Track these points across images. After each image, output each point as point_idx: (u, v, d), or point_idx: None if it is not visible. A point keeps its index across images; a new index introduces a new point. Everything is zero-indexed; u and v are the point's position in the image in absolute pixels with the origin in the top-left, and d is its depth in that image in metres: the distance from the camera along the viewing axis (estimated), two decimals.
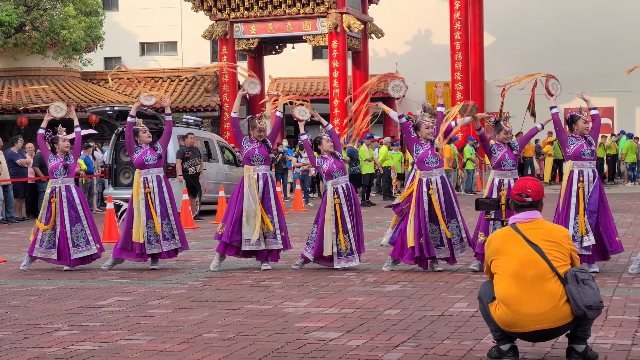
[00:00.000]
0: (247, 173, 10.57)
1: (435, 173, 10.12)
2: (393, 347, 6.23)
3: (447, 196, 10.10)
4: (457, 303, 7.98)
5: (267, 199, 10.53)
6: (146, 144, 11.08)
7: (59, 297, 8.90)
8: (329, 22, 29.64)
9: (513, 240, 5.62)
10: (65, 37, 26.49)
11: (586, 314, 5.38)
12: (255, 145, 10.64)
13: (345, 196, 10.45)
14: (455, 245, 10.09)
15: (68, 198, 11.07)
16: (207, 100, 31.70)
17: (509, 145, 10.21)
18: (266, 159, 10.67)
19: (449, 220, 10.07)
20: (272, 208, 10.54)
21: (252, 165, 10.57)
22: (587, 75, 35.76)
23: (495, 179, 10.12)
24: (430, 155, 10.15)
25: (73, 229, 11.03)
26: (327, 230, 10.35)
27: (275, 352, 6.17)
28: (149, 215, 10.79)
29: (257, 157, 10.59)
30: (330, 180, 10.53)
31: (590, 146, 9.89)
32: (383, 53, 37.24)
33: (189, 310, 7.96)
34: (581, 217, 9.61)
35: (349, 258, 10.37)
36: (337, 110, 30.02)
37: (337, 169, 10.53)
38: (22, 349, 6.44)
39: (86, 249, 11.10)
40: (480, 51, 31.00)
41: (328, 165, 10.54)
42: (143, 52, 40.97)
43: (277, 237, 10.53)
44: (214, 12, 30.93)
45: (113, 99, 28.91)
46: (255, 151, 10.61)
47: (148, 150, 11.00)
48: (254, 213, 10.38)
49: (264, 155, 10.62)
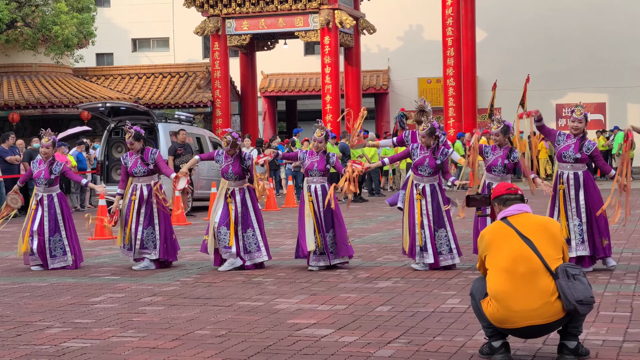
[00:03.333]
0: (221, 185, 10.49)
1: (425, 181, 10.02)
2: (385, 344, 6.23)
3: (434, 204, 10.01)
4: (449, 299, 7.99)
5: (245, 213, 10.38)
6: (137, 152, 10.83)
7: (51, 294, 8.89)
8: (321, 18, 29.61)
9: (505, 234, 5.63)
10: (57, 33, 26.41)
11: (577, 309, 5.39)
12: (229, 161, 10.41)
13: (316, 197, 10.24)
14: (442, 254, 9.91)
15: (49, 208, 10.97)
16: (199, 96, 31.65)
17: (509, 151, 9.92)
18: (240, 176, 10.38)
19: (437, 229, 9.95)
20: (252, 222, 10.36)
21: (227, 180, 10.45)
22: (579, 70, 35.80)
23: (486, 181, 10.07)
24: (426, 163, 9.95)
25: (52, 239, 10.94)
26: (308, 226, 10.18)
27: (268, 348, 6.17)
28: (126, 221, 10.74)
29: (230, 174, 10.37)
30: (307, 177, 10.40)
31: (577, 152, 9.46)
32: (375, 49, 37.22)
33: (181, 307, 7.96)
34: (563, 220, 9.49)
35: (318, 258, 10.22)
36: (330, 106, 30.00)
37: (317, 169, 10.31)
38: (13, 346, 6.43)
39: (62, 260, 10.97)
40: (472, 47, 31.00)
41: (310, 162, 10.36)
42: (135, 48, 40.87)
43: (262, 250, 10.39)
44: (206, 8, 30.88)
45: (105, 95, 28.86)
46: (229, 168, 10.39)
47: (138, 161, 10.78)
48: (213, 229, 10.31)
49: (237, 174, 10.37)
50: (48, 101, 27.47)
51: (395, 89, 37.60)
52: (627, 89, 35.52)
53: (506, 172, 9.91)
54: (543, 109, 35.45)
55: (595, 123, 35.73)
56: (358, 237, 13.82)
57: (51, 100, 27.50)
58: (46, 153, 11.08)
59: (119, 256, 12.04)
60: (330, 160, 10.41)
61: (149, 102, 31.10)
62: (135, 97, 31.24)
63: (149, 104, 30.56)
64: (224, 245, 10.23)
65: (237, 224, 10.30)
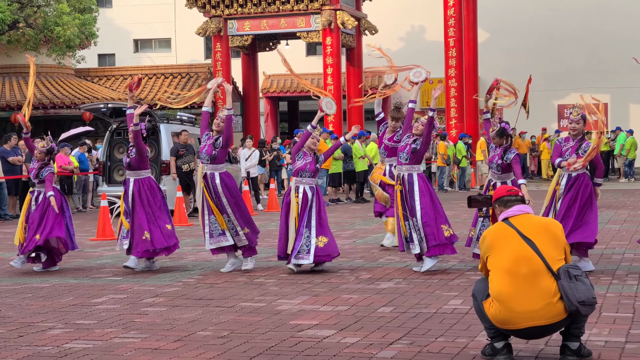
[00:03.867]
0: (199, 169, 10.54)
1: (403, 170, 10.04)
2: (387, 345, 6.23)
3: (411, 194, 9.96)
4: (451, 300, 7.99)
5: (217, 197, 10.33)
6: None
7: (53, 295, 8.89)
8: (322, 18, 29.61)
9: (507, 235, 5.63)
10: (59, 34, 26.42)
11: (579, 309, 5.39)
12: (207, 142, 10.53)
13: (304, 198, 10.09)
14: (412, 242, 9.84)
15: (42, 205, 10.97)
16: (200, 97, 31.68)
17: (504, 151, 9.87)
18: (211, 158, 10.38)
19: (410, 218, 9.90)
20: (225, 207, 10.30)
21: (202, 163, 10.49)
22: (580, 71, 35.78)
23: (491, 180, 10.12)
24: (405, 151, 10.13)
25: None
26: (292, 228, 10.04)
27: (270, 350, 6.17)
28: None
29: (203, 155, 10.43)
30: (296, 177, 10.25)
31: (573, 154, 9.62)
32: None
33: (183, 308, 7.96)
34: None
35: (300, 256, 10.06)
36: None
37: (308, 171, 10.19)
38: (16, 347, 6.43)
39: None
40: (474, 47, 30.98)
41: (302, 163, 10.22)
42: (137, 49, 40.88)
43: (240, 235, 10.32)
44: (208, 8, 30.88)
45: (107, 96, 28.87)
46: (203, 149, 10.48)
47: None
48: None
49: (208, 154, 10.39)
50: (50, 102, 27.48)
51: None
52: (629, 90, 35.49)
53: (501, 171, 9.90)
54: (545, 110, 35.61)
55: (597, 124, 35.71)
56: (360, 238, 13.82)
57: (53, 101, 27.51)
58: (37, 157, 11.23)
59: (121, 257, 12.05)
60: (320, 159, 10.42)
61: (150, 103, 31.11)
62: (137, 97, 31.24)
63: (151, 105, 30.57)
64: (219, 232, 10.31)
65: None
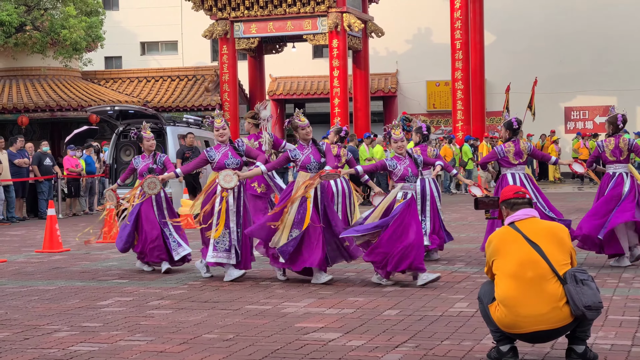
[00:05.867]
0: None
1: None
2: (393, 348, 6.22)
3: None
4: (457, 303, 7.98)
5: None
6: (149, 153, 11.03)
7: (59, 298, 8.90)
8: (329, 21, 29.62)
9: (513, 239, 5.61)
10: (66, 36, 26.46)
11: (585, 314, 5.38)
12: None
13: (316, 194, 9.49)
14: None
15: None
16: (207, 99, 31.68)
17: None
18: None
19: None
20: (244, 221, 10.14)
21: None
22: (587, 73, 35.70)
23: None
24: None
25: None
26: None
27: (275, 352, 6.17)
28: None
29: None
30: (302, 173, 9.56)
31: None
32: (383, 52, 37.21)
33: (188, 310, 7.96)
34: None
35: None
36: (338, 109, 29.98)
37: (315, 161, 9.56)
38: (22, 350, 6.44)
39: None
40: (480, 50, 30.96)
41: (305, 156, 9.59)
42: (143, 52, 40.93)
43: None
44: (215, 11, 30.91)
45: (114, 99, 28.91)
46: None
47: (149, 163, 10.95)
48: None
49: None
50: (57, 104, 27.53)
51: (404, 92, 37.57)
52: (636, 92, 35.40)
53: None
54: (552, 112, 35.55)
55: (604, 126, 35.67)
56: None
57: (60, 103, 27.56)
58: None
59: (127, 259, 12.07)
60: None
61: (157, 106, 31.15)
62: (143, 100, 31.29)
63: (157, 107, 30.61)
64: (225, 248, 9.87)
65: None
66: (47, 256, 12.83)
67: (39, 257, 12.79)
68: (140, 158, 11.06)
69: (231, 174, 9.52)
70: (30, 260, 12.41)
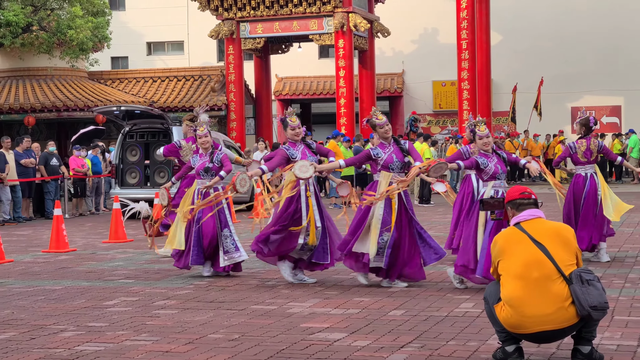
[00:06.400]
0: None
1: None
2: (398, 348, 6.22)
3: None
4: (463, 304, 7.97)
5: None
6: (206, 151, 10.46)
7: (65, 298, 8.91)
8: (335, 21, 29.61)
9: (518, 239, 5.61)
10: (72, 37, 26.50)
11: (591, 314, 5.37)
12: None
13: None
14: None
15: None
16: (213, 99, 31.70)
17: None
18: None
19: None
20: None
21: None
22: (594, 73, 35.61)
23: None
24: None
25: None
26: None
27: (281, 352, 6.17)
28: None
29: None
30: (386, 171, 9.16)
31: None
32: (389, 52, 37.19)
33: (194, 310, 7.97)
34: None
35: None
36: (344, 109, 29.97)
37: (397, 160, 9.13)
38: (28, 350, 6.46)
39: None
40: (487, 49, 30.92)
41: (387, 155, 9.13)
42: (150, 52, 40.98)
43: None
44: (221, 11, 30.92)
45: (120, 99, 28.94)
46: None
47: (206, 161, 10.43)
48: None
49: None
50: (63, 105, 27.57)
51: (410, 92, 37.55)
52: None
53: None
54: (558, 112, 35.47)
55: (611, 126, 35.56)
56: None
57: (66, 103, 27.60)
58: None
59: (133, 259, 12.09)
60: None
61: (163, 106, 31.17)
62: (150, 100, 31.32)
63: (163, 108, 30.63)
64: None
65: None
66: (53, 256, 12.85)
67: (45, 257, 12.81)
68: (198, 156, 10.45)
69: (307, 165, 9.31)
70: (36, 260, 12.43)
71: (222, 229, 10.21)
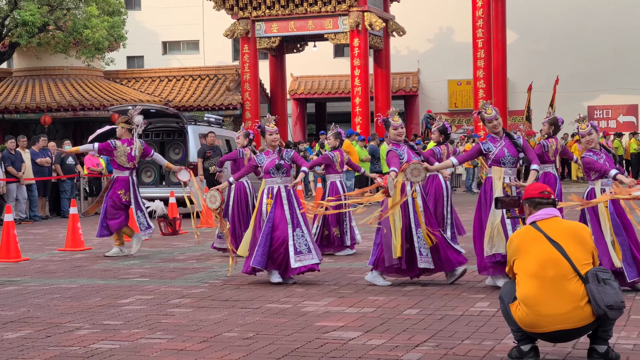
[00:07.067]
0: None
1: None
2: (413, 347, 6.20)
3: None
4: (478, 303, 7.94)
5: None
6: (273, 148, 9.89)
7: (81, 296, 8.94)
8: (350, 20, 29.60)
9: (534, 238, 5.58)
10: (88, 36, 26.60)
11: (607, 313, 5.34)
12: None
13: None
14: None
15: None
16: (228, 98, 31.75)
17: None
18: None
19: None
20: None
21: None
22: (610, 72, 35.48)
23: None
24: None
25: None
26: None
27: (295, 351, 6.16)
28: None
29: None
30: (497, 166, 8.74)
31: None
32: (405, 51, 37.15)
33: (209, 309, 7.98)
34: None
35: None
36: (359, 108, 29.96)
37: (509, 154, 8.74)
38: (43, 348, 6.48)
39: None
40: (502, 48, 30.82)
41: (499, 149, 8.74)
42: (165, 51, 41.10)
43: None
44: (236, 10, 30.97)
45: (135, 98, 29.02)
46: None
47: (276, 159, 9.84)
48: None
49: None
50: (79, 104, 27.68)
51: (425, 91, 37.50)
52: None
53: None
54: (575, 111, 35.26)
55: (628, 125, 35.40)
56: None
57: (82, 103, 27.70)
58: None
59: (148, 258, 12.12)
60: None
61: (178, 105, 31.25)
62: (165, 99, 31.40)
63: (178, 107, 30.70)
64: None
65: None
66: (69, 254, 12.90)
67: (61, 255, 12.86)
68: (264, 154, 9.87)
69: (420, 168, 8.79)
70: (52, 258, 12.48)
71: (294, 229, 9.62)
